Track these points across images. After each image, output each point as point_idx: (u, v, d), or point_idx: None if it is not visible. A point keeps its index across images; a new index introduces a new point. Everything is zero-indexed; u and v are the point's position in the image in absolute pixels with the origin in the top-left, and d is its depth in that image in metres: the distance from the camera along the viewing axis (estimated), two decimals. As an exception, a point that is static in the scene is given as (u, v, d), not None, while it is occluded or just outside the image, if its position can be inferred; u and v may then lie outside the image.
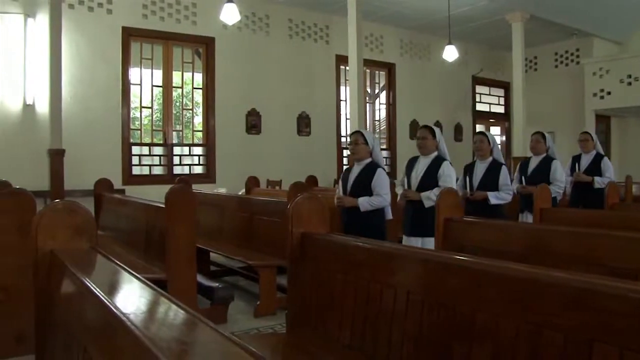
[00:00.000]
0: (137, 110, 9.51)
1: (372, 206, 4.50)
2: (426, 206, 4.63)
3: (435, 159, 4.82)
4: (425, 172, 4.78)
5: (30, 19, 8.19)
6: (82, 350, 1.72)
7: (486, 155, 5.35)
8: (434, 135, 4.85)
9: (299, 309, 3.02)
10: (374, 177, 4.59)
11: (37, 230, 2.31)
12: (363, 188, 4.58)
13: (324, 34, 11.18)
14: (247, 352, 1.18)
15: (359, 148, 4.61)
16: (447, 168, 4.75)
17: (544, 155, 5.97)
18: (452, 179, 4.71)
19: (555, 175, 5.80)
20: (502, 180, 5.18)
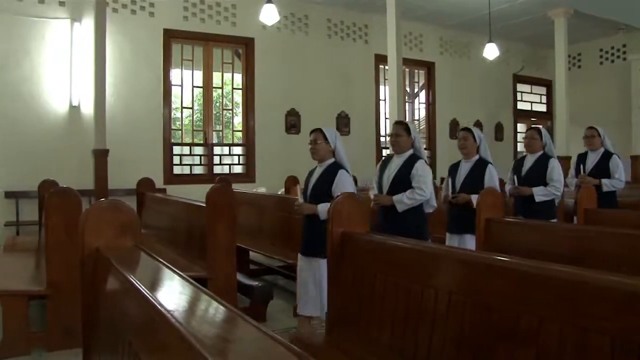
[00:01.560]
0: (178, 111, 9.66)
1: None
2: (399, 210, 4.22)
3: (409, 158, 4.36)
4: (397, 173, 4.34)
5: (76, 23, 8.42)
6: (127, 344, 1.75)
7: (471, 154, 4.91)
8: (409, 132, 4.38)
9: (338, 309, 3.01)
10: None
11: (84, 229, 2.37)
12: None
13: (362, 33, 11.15)
14: (290, 350, 1.18)
15: (318, 147, 4.18)
16: (421, 167, 4.29)
17: (540, 153, 5.32)
18: (426, 179, 4.24)
19: (552, 175, 5.15)
20: (487, 181, 4.72)
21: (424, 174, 4.25)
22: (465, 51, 12.49)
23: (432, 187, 4.31)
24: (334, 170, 4.11)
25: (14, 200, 7.95)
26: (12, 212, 7.93)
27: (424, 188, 4.19)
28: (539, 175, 5.17)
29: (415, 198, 4.18)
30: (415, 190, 4.20)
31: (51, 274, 4.07)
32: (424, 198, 4.20)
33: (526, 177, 5.27)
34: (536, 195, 5.05)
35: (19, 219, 7.93)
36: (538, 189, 5.08)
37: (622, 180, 5.73)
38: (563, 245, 3.47)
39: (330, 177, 4.09)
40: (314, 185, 4.22)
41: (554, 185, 5.07)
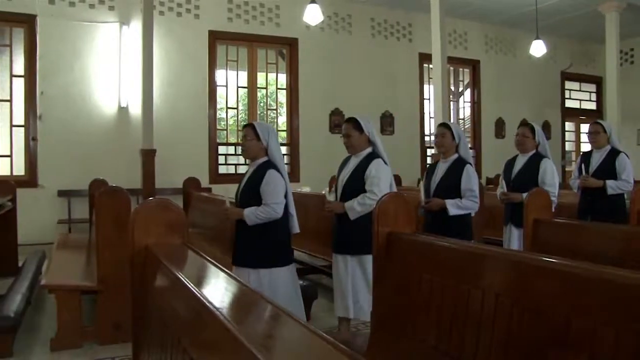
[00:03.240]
0: (223, 111, 9.78)
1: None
2: (351, 218, 3.82)
3: (365, 157, 3.92)
4: (351, 175, 3.92)
5: (125, 26, 8.64)
6: (177, 341, 1.78)
7: (449, 152, 4.29)
8: (360, 129, 3.94)
9: (384, 309, 3.00)
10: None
11: (134, 227, 2.43)
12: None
13: (406, 32, 11.07)
14: (337, 348, 1.18)
15: (248, 144, 3.75)
16: (375, 168, 3.83)
17: (532, 153, 4.78)
18: (381, 181, 3.81)
19: (545, 177, 4.61)
20: (464, 183, 4.09)
21: (377, 174, 3.83)
22: (511, 48, 12.26)
23: (389, 188, 3.84)
24: (263, 170, 3.65)
25: (66, 198, 8.20)
26: (65, 210, 8.19)
27: (376, 191, 3.75)
28: (530, 178, 4.65)
29: (366, 203, 3.77)
30: (366, 194, 3.79)
31: (101, 270, 4.18)
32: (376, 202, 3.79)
33: (516, 181, 4.75)
34: None
35: (71, 217, 8.18)
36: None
37: (630, 182, 5.07)
38: (616, 247, 3.37)
39: (260, 177, 3.65)
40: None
41: (548, 190, 4.43)
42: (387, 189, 3.79)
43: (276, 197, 3.59)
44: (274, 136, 3.78)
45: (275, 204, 3.58)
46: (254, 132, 3.72)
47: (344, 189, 3.93)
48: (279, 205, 3.60)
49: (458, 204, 4.04)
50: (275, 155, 3.75)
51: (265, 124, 3.97)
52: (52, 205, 8.17)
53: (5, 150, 8.26)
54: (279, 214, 3.61)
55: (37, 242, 7.38)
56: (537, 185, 4.54)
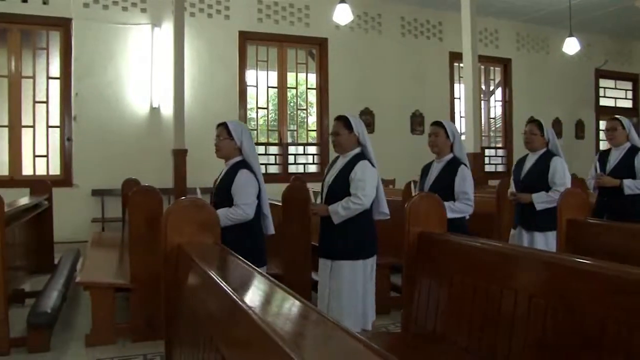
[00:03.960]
0: (253, 111, 9.86)
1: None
2: (335, 222, 3.60)
3: (352, 158, 3.69)
4: (337, 177, 3.71)
5: (156, 28, 8.77)
6: (209, 339, 1.80)
7: (444, 152, 4.08)
8: (350, 128, 3.71)
9: (414, 309, 2.99)
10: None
11: (166, 226, 2.46)
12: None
13: (437, 30, 11.00)
14: (369, 348, 1.18)
15: (221, 144, 3.63)
16: (361, 170, 3.60)
17: (542, 151, 4.53)
18: (366, 184, 3.57)
19: (555, 177, 4.34)
20: (458, 185, 3.88)
21: (363, 177, 3.58)
22: (543, 46, 12.08)
23: (375, 192, 3.65)
24: (235, 170, 3.56)
25: (99, 197, 8.35)
26: (98, 209, 8.34)
27: (361, 195, 3.53)
28: (540, 177, 4.41)
29: (350, 207, 3.55)
30: (350, 198, 3.56)
31: (134, 268, 4.25)
32: (361, 207, 3.56)
33: (525, 180, 4.53)
34: (536, 203, 4.32)
35: (104, 216, 8.33)
36: (538, 196, 4.33)
37: None
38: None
39: (232, 177, 3.55)
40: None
41: (557, 190, 4.25)
42: (373, 193, 3.62)
43: (246, 198, 3.46)
44: (248, 135, 3.67)
45: (245, 205, 3.45)
46: (227, 131, 3.60)
47: (329, 191, 3.73)
48: (249, 206, 3.47)
49: (451, 207, 3.78)
50: (249, 155, 3.63)
51: (238, 122, 3.83)
52: (86, 204, 8.32)
53: (41, 150, 8.45)
54: (250, 215, 3.47)
55: (72, 240, 7.52)
56: (547, 184, 4.35)
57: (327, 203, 3.67)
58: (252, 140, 3.70)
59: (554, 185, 4.34)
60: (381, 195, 3.77)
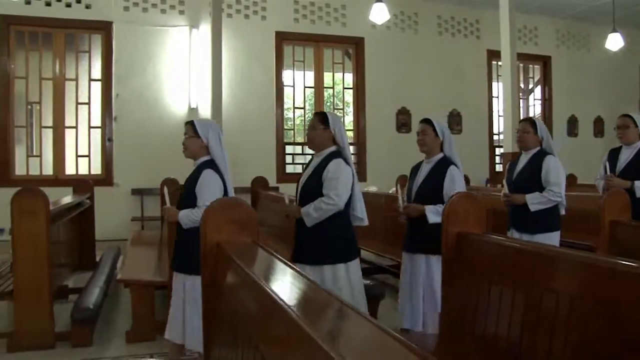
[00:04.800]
0: (289, 111, 9.92)
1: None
2: (307, 225, 3.42)
3: (326, 157, 3.50)
4: (310, 176, 3.53)
5: (194, 29, 8.91)
6: (248, 337, 1.82)
7: (433, 152, 3.82)
8: (326, 124, 3.53)
9: (453, 310, 2.96)
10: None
11: (206, 225, 2.49)
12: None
13: (474, 29, 10.87)
14: (408, 347, 1.18)
15: (187, 142, 3.50)
16: (334, 169, 3.40)
17: (535, 151, 4.27)
18: (339, 183, 3.37)
19: (548, 176, 4.10)
20: (447, 187, 3.63)
21: (335, 176, 3.38)
22: (584, 43, 11.82)
23: (349, 192, 3.45)
24: (200, 170, 3.42)
25: (139, 197, 8.52)
26: (138, 208, 8.50)
27: (333, 195, 3.34)
28: (532, 178, 4.18)
29: (322, 208, 3.36)
30: (322, 199, 3.37)
31: (174, 267, 4.31)
32: (333, 208, 3.37)
33: (517, 181, 4.29)
34: (530, 204, 4.10)
35: (144, 215, 8.48)
36: (531, 196, 4.11)
37: None
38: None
39: (197, 177, 3.41)
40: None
41: (551, 190, 4.06)
42: (347, 192, 3.42)
43: (208, 199, 3.22)
44: (216, 133, 3.49)
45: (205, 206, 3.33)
46: (194, 129, 3.46)
47: (302, 191, 3.55)
48: None
49: (438, 210, 3.52)
50: (216, 154, 3.47)
51: (207, 120, 3.63)
52: (126, 203, 8.49)
53: (84, 150, 8.66)
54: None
55: (113, 238, 7.67)
56: (540, 185, 4.11)
57: (301, 204, 3.50)
58: (221, 139, 3.50)
59: (547, 184, 4.10)
60: (357, 198, 3.56)
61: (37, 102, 8.63)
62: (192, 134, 3.45)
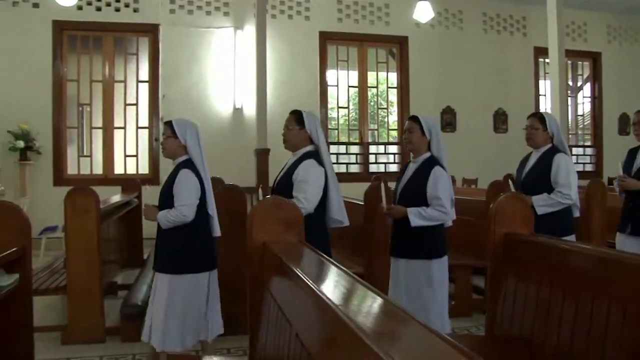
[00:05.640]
0: (334, 111, 9.94)
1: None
2: None
3: (301, 157, 3.40)
4: (282, 177, 3.46)
5: (239, 30, 9.02)
6: (294, 336, 1.82)
7: (420, 151, 3.58)
8: (301, 124, 3.44)
9: (499, 312, 2.92)
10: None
11: (252, 224, 2.51)
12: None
13: (520, 25, 10.66)
14: (455, 347, 1.17)
15: (164, 143, 3.47)
16: (304, 170, 3.29)
17: (546, 148, 3.91)
18: (308, 186, 3.24)
19: (557, 176, 3.76)
20: (431, 189, 3.41)
21: (305, 178, 3.26)
22: (637, 37, 11.43)
23: (319, 195, 3.30)
24: (177, 170, 3.40)
25: (185, 196, 8.64)
26: (184, 207, 8.63)
27: (302, 199, 3.19)
28: (541, 177, 3.84)
29: None
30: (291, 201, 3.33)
31: (219, 265, 4.36)
32: (303, 211, 3.05)
33: (525, 181, 3.96)
34: (536, 206, 3.69)
35: (190, 214, 8.60)
36: (538, 198, 3.74)
37: None
38: None
39: (174, 177, 3.39)
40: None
41: (560, 192, 3.72)
42: (317, 195, 3.27)
43: (184, 199, 3.30)
44: (194, 133, 3.45)
45: (182, 206, 3.29)
46: (171, 129, 3.42)
47: (275, 193, 3.43)
48: (187, 208, 3.29)
49: (422, 214, 3.40)
50: (194, 154, 3.43)
51: (185, 120, 3.63)
52: (173, 202, 8.64)
53: (131, 150, 8.87)
54: (188, 216, 3.30)
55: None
56: (550, 185, 3.78)
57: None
58: (199, 138, 3.47)
59: (556, 185, 3.76)
60: (333, 199, 3.39)
61: (88, 103, 8.90)
62: (170, 134, 3.43)
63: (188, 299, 3.35)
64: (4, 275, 2.31)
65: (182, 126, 3.44)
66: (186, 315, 3.35)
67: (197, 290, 3.41)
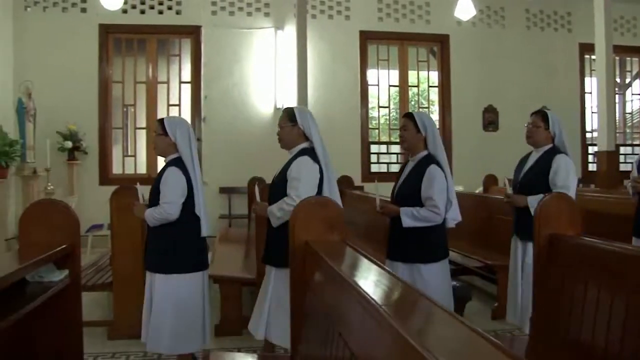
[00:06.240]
0: (374, 110, 9.91)
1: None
2: (273, 225, 3.31)
3: (296, 154, 3.38)
4: (279, 175, 3.44)
5: (279, 31, 9.08)
6: (337, 334, 1.83)
7: (416, 149, 3.52)
8: (294, 121, 3.40)
9: (545, 315, 2.86)
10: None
11: (295, 223, 2.54)
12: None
13: (565, 21, 10.40)
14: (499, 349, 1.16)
15: (156, 140, 3.48)
16: (297, 167, 3.28)
17: (547, 148, 3.79)
18: (300, 183, 3.23)
19: (556, 178, 3.62)
20: (425, 189, 3.35)
21: (298, 176, 3.26)
22: (689, 32, 11.04)
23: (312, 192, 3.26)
24: (165, 168, 3.40)
25: (226, 195, 8.78)
26: (225, 206, 8.76)
27: (294, 196, 3.16)
28: (538, 178, 3.71)
29: (284, 209, 3.22)
30: (285, 199, 3.25)
31: (260, 263, 4.40)
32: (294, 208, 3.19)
33: (523, 181, 3.84)
34: (531, 207, 3.50)
35: (231, 212, 8.72)
36: (534, 198, 3.52)
37: None
38: None
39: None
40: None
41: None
42: (309, 192, 3.19)
43: (169, 197, 3.28)
44: (184, 131, 3.43)
45: (166, 204, 3.27)
46: (162, 127, 3.42)
47: (271, 190, 3.46)
48: (171, 205, 3.28)
49: (414, 214, 3.34)
50: (183, 152, 3.40)
51: (177, 118, 3.65)
52: (215, 201, 8.74)
53: (174, 150, 9.00)
54: (172, 214, 3.28)
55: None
56: (547, 186, 3.64)
57: (271, 203, 3.40)
58: (190, 137, 3.45)
59: (554, 187, 3.61)
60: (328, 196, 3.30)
61: (132, 104, 9.11)
62: (161, 131, 3.43)
63: (178, 299, 3.32)
64: (55, 271, 2.38)
65: (173, 124, 3.45)
66: (179, 315, 3.31)
67: (187, 289, 3.36)
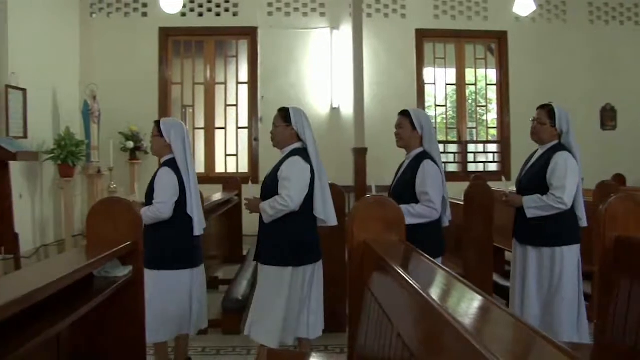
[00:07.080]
0: (431, 109, 9.80)
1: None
2: (265, 221, 3.34)
3: (288, 154, 3.40)
4: (270, 174, 3.44)
5: (335, 31, 9.10)
6: (396, 334, 1.82)
7: (412, 146, 3.50)
8: (288, 121, 3.42)
9: (610, 320, 2.76)
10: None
11: (353, 222, 2.55)
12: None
13: (632, 14, 9.96)
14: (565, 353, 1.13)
15: (152, 142, 3.61)
16: (288, 167, 3.31)
17: (551, 145, 3.61)
18: (291, 183, 3.24)
19: (552, 177, 3.44)
20: (419, 184, 3.32)
21: (287, 176, 3.27)
22: None
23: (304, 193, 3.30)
24: (159, 168, 3.52)
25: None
26: (281, 205, 8.82)
27: (285, 197, 3.22)
28: (537, 177, 3.54)
29: (275, 207, 3.26)
30: (276, 197, 3.27)
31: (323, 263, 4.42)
32: (285, 209, 3.25)
33: (523, 180, 3.68)
34: (526, 208, 3.45)
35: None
36: (529, 199, 3.47)
37: None
38: None
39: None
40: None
41: (553, 194, 3.39)
42: (300, 192, 3.27)
43: (160, 196, 3.39)
44: (179, 133, 3.51)
45: (158, 203, 3.37)
46: (158, 128, 3.53)
47: (262, 188, 3.48)
48: (163, 205, 3.37)
49: (409, 211, 3.25)
50: (177, 153, 3.48)
51: (173, 120, 3.71)
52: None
53: (232, 150, 9.19)
54: (164, 213, 3.37)
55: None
56: (545, 186, 3.48)
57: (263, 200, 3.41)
58: (185, 139, 3.53)
59: (550, 186, 3.45)
60: (317, 198, 3.38)
61: (191, 105, 9.33)
62: (156, 133, 3.54)
63: (167, 295, 3.39)
64: (119, 267, 2.47)
65: (168, 126, 3.54)
66: (165, 311, 3.36)
67: (177, 286, 3.43)
